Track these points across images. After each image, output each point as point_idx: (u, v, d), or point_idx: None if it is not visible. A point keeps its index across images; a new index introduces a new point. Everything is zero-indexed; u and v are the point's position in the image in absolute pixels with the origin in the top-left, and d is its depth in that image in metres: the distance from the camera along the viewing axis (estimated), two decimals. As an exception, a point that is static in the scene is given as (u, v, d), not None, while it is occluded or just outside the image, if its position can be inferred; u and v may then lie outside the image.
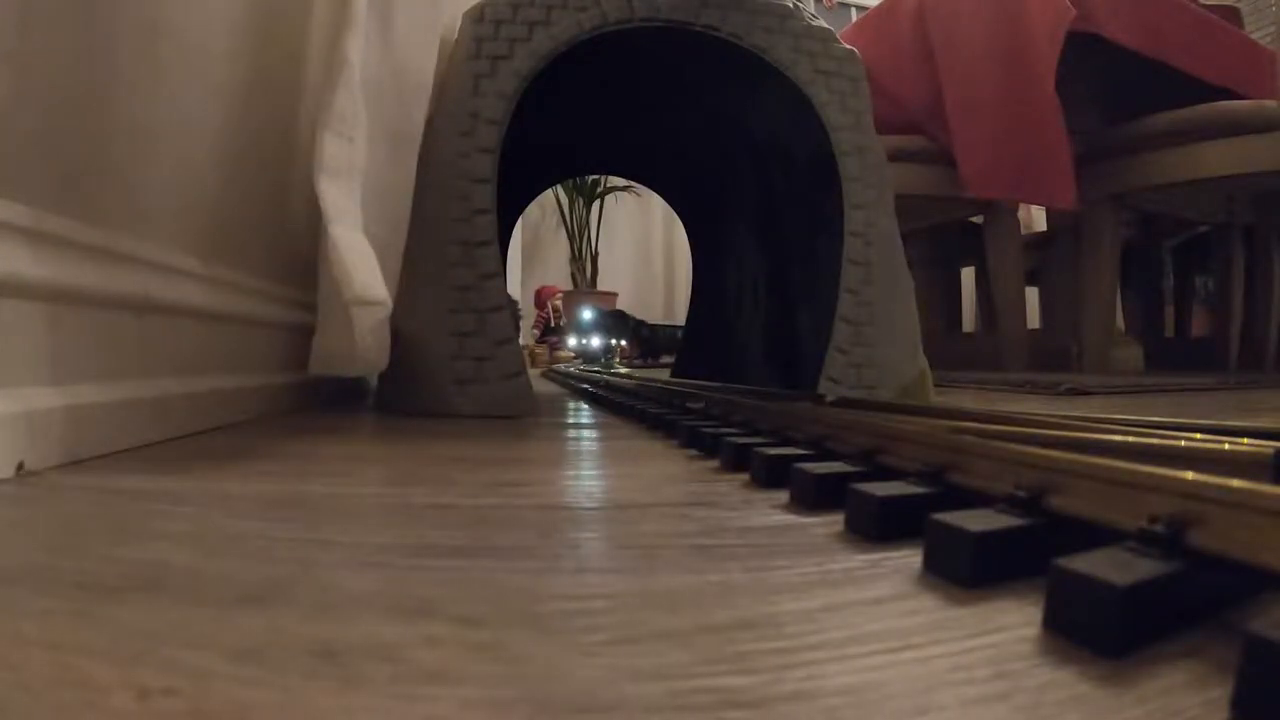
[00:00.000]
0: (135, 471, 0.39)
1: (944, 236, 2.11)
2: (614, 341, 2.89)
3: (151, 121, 0.51)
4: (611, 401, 0.86)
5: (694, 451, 0.50)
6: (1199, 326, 2.40)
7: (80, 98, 0.43)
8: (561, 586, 0.23)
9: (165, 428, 0.50)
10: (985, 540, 0.22)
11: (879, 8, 1.91)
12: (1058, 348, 1.85)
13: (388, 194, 0.74)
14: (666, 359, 2.79)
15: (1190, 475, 0.20)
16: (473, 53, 0.79)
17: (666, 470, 0.44)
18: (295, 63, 0.79)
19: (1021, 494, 0.24)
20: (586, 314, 2.93)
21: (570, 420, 0.76)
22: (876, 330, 0.86)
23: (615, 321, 2.92)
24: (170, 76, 0.52)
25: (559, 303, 3.12)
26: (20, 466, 0.35)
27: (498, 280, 0.77)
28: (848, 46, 0.89)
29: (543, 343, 3.11)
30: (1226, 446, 0.28)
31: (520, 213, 1.48)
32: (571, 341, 3.01)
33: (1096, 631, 0.17)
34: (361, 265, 0.59)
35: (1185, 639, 0.18)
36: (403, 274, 0.78)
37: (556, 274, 3.33)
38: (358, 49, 0.58)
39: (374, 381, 0.89)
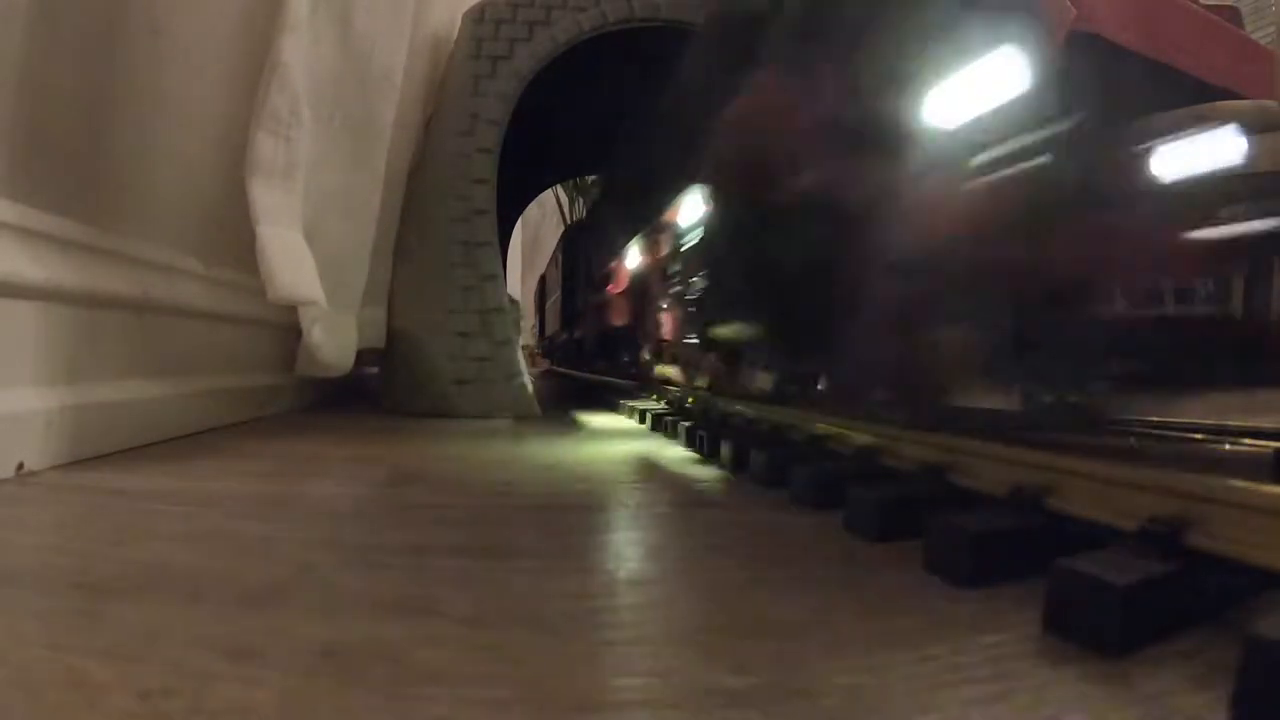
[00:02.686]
0: (135, 471, 0.39)
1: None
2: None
3: (154, 124, 0.51)
4: (610, 401, 0.86)
5: (694, 452, 0.50)
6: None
7: (86, 102, 0.43)
8: (561, 586, 0.23)
9: (165, 428, 0.50)
10: (985, 540, 0.22)
11: (879, 8, 1.90)
12: (1058, 348, 1.84)
13: (351, 190, 0.74)
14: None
15: (1190, 475, 0.20)
16: (473, 53, 0.79)
17: (667, 470, 0.44)
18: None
19: (1022, 494, 0.24)
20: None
21: (568, 419, 0.76)
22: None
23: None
24: (171, 79, 0.52)
25: None
26: (20, 466, 0.35)
27: (498, 281, 0.77)
28: (848, 46, 0.89)
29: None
30: (1226, 446, 0.28)
31: (520, 213, 1.47)
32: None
33: (1096, 631, 0.17)
34: (288, 265, 0.59)
35: (1185, 639, 0.18)
36: (403, 274, 0.78)
37: (556, 274, 3.32)
38: (294, 50, 0.57)
39: (374, 382, 0.89)
